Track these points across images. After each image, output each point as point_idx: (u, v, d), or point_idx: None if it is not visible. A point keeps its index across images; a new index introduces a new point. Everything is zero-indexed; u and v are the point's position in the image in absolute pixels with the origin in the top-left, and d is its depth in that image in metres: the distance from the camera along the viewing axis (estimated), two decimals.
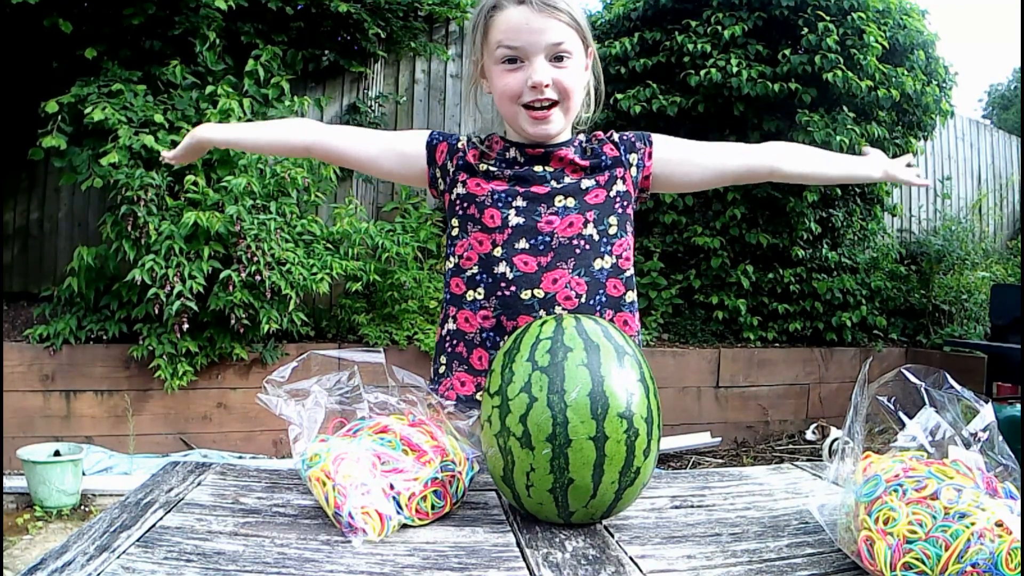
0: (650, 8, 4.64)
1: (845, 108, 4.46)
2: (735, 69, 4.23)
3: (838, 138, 4.19)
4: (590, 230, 1.13)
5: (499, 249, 1.12)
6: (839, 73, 4.14)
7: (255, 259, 3.48)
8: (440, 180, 1.19)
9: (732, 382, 4.59)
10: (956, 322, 5.34)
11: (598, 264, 1.13)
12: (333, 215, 4.07)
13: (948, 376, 0.73)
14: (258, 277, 3.49)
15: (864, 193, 5.11)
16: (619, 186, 1.17)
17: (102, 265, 3.60)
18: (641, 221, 4.76)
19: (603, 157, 1.17)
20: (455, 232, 1.17)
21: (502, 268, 1.11)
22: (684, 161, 1.21)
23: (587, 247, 1.12)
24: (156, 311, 3.42)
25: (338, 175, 4.19)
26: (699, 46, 4.35)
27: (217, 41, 3.85)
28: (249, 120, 3.82)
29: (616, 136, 1.21)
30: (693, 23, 4.46)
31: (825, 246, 4.95)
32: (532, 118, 1.11)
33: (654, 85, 4.46)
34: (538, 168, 1.16)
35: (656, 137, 1.21)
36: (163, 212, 3.53)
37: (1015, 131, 7.39)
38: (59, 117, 3.48)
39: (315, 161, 3.92)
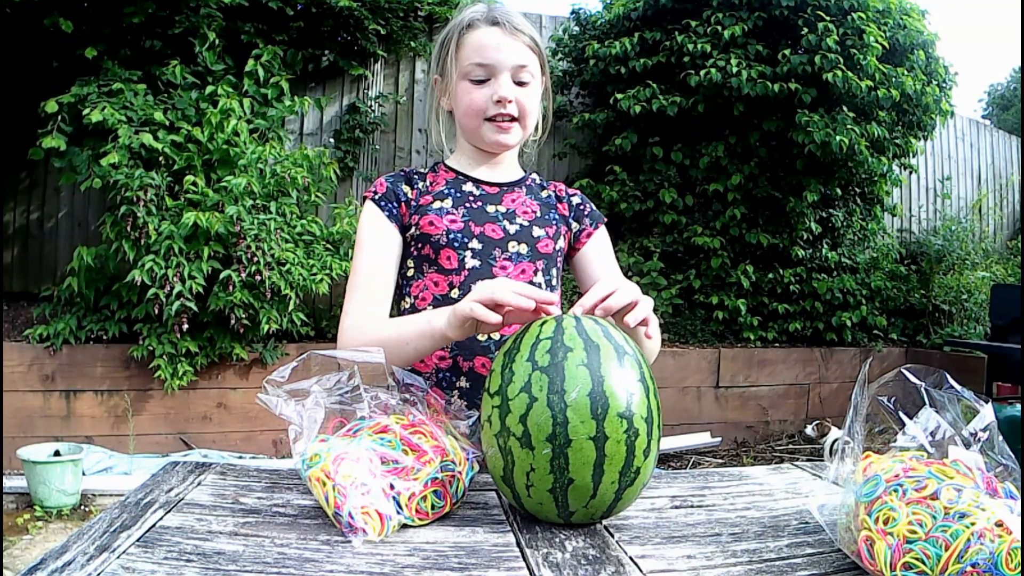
0: (650, 8, 4.64)
1: (845, 108, 4.46)
2: (735, 69, 4.23)
3: (838, 138, 4.20)
4: (539, 278, 1.17)
5: (456, 291, 1.13)
6: (839, 73, 4.14)
7: (255, 259, 3.48)
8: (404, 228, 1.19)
9: (732, 382, 4.60)
10: (956, 322, 5.34)
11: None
12: (333, 215, 4.07)
13: (948, 376, 0.73)
14: (258, 277, 3.49)
15: (864, 193, 5.11)
16: (560, 243, 1.22)
17: (102, 265, 3.60)
18: (641, 221, 4.76)
19: (552, 212, 1.23)
20: (410, 273, 1.17)
21: None
22: (592, 271, 1.25)
23: None
24: (156, 311, 3.42)
25: (338, 175, 4.19)
26: (699, 46, 4.35)
27: (217, 41, 3.85)
28: (248, 120, 3.83)
29: (576, 199, 1.28)
30: (693, 23, 4.46)
31: (825, 246, 4.95)
32: (496, 128, 1.15)
33: (654, 85, 4.46)
34: (491, 208, 1.18)
35: (603, 230, 1.28)
36: (163, 212, 3.53)
37: (1015, 131, 7.39)
38: (59, 117, 3.48)
39: (315, 161, 3.93)
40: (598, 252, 1.27)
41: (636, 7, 4.69)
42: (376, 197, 1.17)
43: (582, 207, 1.27)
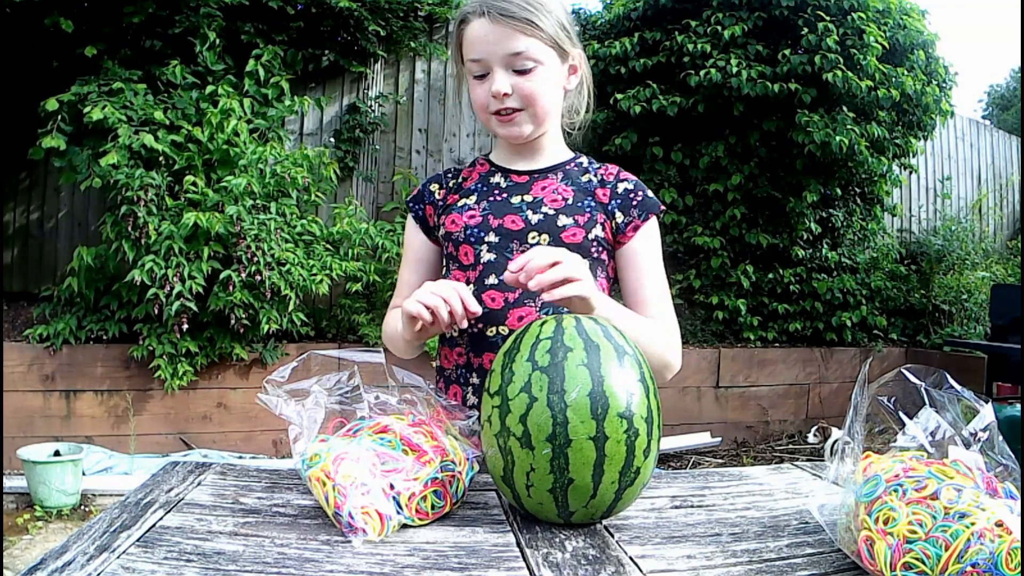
0: (650, 8, 4.64)
1: (845, 108, 4.46)
2: (735, 69, 4.23)
3: (838, 138, 4.20)
4: None
5: (472, 286, 1.11)
6: (839, 73, 4.14)
7: (255, 259, 3.48)
8: (435, 232, 1.22)
9: (732, 382, 4.60)
10: (956, 322, 5.34)
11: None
12: (333, 215, 4.07)
13: (948, 376, 0.73)
14: (258, 277, 3.49)
15: (864, 193, 5.11)
16: (597, 231, 1.13)
17: (102, 265, 3.60)
18: None
19: (588, 199, 1.15)
20: (444, 272, 1.21)
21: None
22: (628, 272, 1.16)
23: None
24: (156, 311, 3.42)
25: (338, 175, 4.19)
26: (699, 46, 4.35)
27: (217, 41, 3.85)
28: (248, 120, 3.83)
29: (626, 185, 1.16)
30: (693, 23, 4.46)
31: (825, 246, 4.95)
32: (500, 121, 1.12)
33: (654, 85, 4.46)
34: (515, 199, 1.15)
35: (653, 221, 1.17)
36: (163, 212, 3.53)
37: (1015, 131, 7.39)
38: (59, 116, 3.48)
39: (315, 161, 3.93)
40: (640, 249, 1.15)
41: (636, 7, 4.70)
42: (410, 201, 1.24)
43: (633, 195, 1.15)
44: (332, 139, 4.55)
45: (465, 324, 0.97)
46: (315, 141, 4.54)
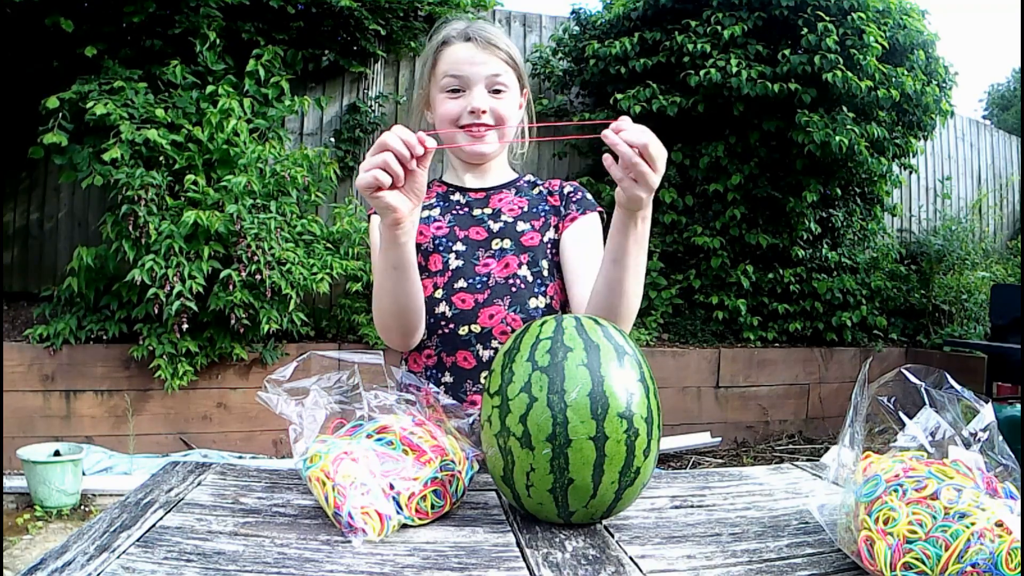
0: (650, 8, 4.64)
1: (845, 108, 4.46)
2: (735, 69, 4.23)
3: (838, 138, 4.20)
4: (524, 271, 1.19)
5: (440, 291, 1.18)
6: (839, 73, 4.14)
7: (255, 259, 3.48)
8: None
9: (732, 382, 4.60)
10: (956, 322, 5.34)
11: (533, 303, 1.18)
12: (333, 215, 4.07)
13: (948, 376, 0.73)
14: (258, 277, 3.48)
15: (864, 193, 5.12)
16: (551, 234, 1.22)
17: (102, 265, 3.60)
18: None
19: (541, 205, 1.24)
20: None
21: (442, 308, 1.17)
22: (567, 256, 1.20)
23: (522, 286, 1.18)
24: (156, 311, 3.42)
25: (338, 175, 4.19)
26: (699, 46, 4.35)
27: (217, 41, 3.85)
28: (248, 120, 3.83)
29: (568, 188, 1.26)
30: (693, 23, 4.46)
31: (825, 246, 4.95)
32: (471, 136, 1.18)
33: (654, 85, 4.46)
34: (476, 211, 1.23)
35: (593, 217, 1.21)
36: (163, 212, 3.52)
37: (1015, 131, 7.39)
38: (60, 114, 3.48)
39: (315, 161, 3.92)
40: (578, 237, 1.20)
41: (636, 7, 4.69)
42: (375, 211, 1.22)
43: (573, 195, 1.25)
44: (332, 139, 4.55)
45: (417, 164, 0.93)
46: (315, 141, 4.53)
